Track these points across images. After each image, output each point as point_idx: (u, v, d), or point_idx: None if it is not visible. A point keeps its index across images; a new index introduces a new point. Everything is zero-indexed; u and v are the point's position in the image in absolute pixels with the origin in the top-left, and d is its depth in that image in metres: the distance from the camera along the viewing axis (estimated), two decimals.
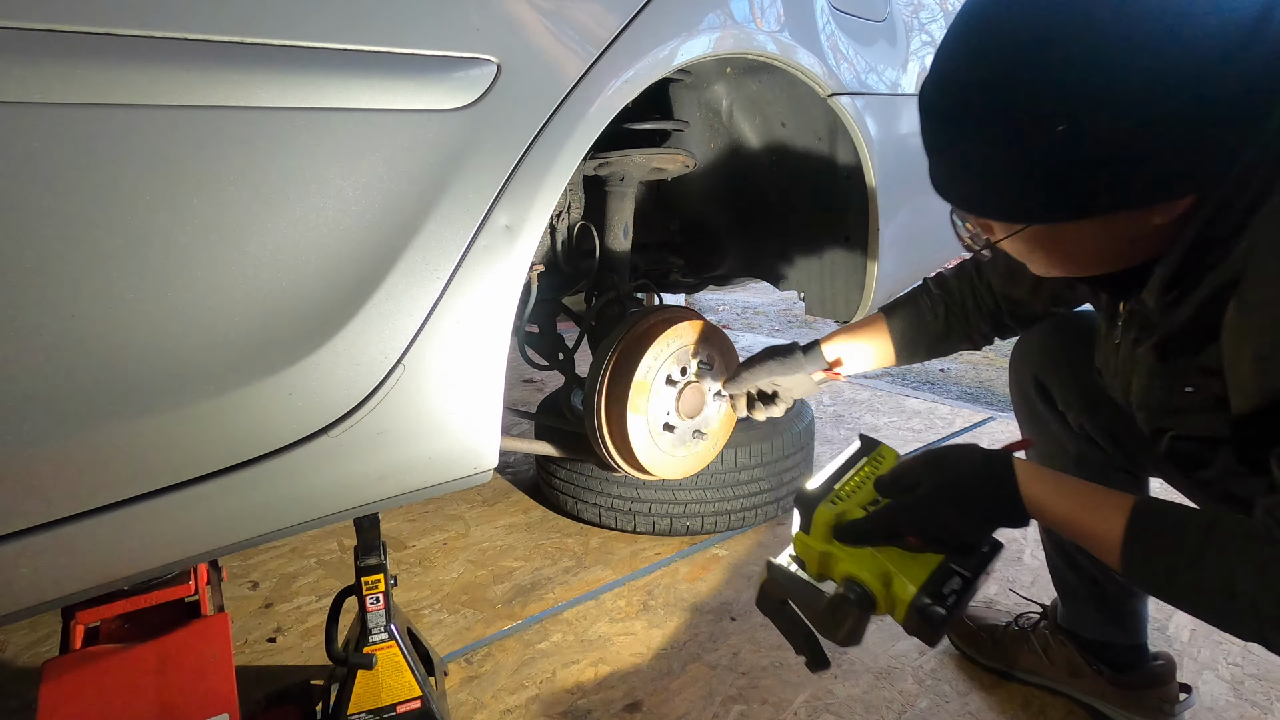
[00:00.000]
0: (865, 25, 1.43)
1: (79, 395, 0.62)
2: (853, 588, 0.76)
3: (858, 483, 0.84)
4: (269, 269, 0.69)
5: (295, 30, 0.65)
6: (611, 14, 0.87)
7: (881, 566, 0.76)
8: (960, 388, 3.26)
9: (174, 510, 0.71)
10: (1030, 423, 1.15)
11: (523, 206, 0.82)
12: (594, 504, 1.77)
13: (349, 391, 0.77)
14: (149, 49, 0.59)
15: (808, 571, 0.82)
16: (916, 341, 1.17)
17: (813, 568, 0.81)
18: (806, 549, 0.81)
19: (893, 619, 0.76)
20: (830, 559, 0.79)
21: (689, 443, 1.34)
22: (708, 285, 1.96)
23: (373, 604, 1.01)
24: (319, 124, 0.68)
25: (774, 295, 5.33)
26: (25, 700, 1.24)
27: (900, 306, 1.18)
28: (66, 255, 0.59)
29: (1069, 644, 1.20)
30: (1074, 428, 1.08)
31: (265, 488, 0.76)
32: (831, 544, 0.79)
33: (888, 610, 0.76)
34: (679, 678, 1.28)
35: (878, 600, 0.76)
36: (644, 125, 1.35)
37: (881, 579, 0.76)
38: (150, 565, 0.73)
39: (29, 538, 0.64)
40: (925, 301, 1.16)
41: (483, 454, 0.90)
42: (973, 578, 0.75)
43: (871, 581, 0.76)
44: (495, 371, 0.87)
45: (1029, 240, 0.73)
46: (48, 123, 0.56)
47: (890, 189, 1.45)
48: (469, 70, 0.75)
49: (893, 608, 0.76)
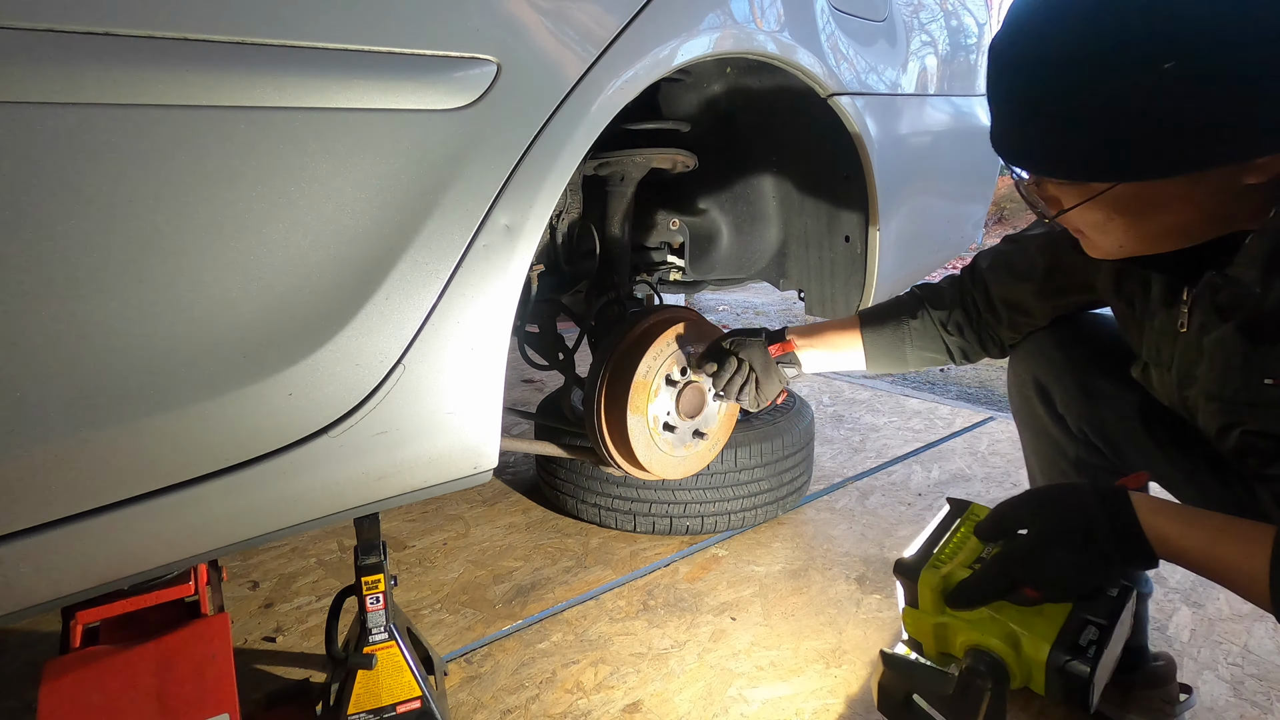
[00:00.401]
0: (865, 25, 1.43)
1: (79, 395, 0.62)
2: (980, 659, 0.67)
3: (958, 543, 0.76)
4: (269, 269, 0.69)
5: (295, 30, 0.65)
6: (611, 14, 0.87)
7: (1005, 628, 0.67)
8: (960, 388, 3.26)
9: (174, 510, 0.71)
10: (1029, 425, 1.14)
11: (523, 206, 0.82)
12: (594, 504, 1.77)
13: (349, 391, 0.77)
14: (149, 49, 0.59)
15: (925, 654, 0.73)
16: (890, 355, 1.14)
17: (930, 647, 0.72)
18: (918, 625, 0.73)
19: (1033, 690, 0.66)
20: (947, 631, 0.71)
21: (689, 442, 1.34)
22: (708, 285, 1.96)
23: (373, 604, 1.01)
24: (319, 124, 0.68)
25: (774, 295, 5.33)
26: (25, 700, 1.24)
27: (881, 319, 1.15)
28: (65, 255, 0.59)
29: None
30: (1074, 431, 1.07)
31: (265, 488, 0.76)
32: (944, 613, 0.71)
33: (1024, 679, 0.67)
34: (679, 678, 1.28)
35: (1010, 667, 0.67)
36: (644, 125, 1.35)
37: (1008, 641, 0.67)
38: (150, 565, 0.73)
39: (29, 538, 0.64)
40: (909, 317, 1.13)
41: (483, 454, 0.90)
42: (1109, 625, 0.66)
43: (999, 646, 0.67)
44: (495, 371, 0.87)
45: (1109, 205, 0.67)
46: (45, 123, 0.56)
47: (890, 189, 1.45)
48: (469, 70, 0.75)
49: (1029, 674, 0.67)
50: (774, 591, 1.53)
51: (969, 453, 2.25)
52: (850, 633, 1.40)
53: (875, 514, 1.88)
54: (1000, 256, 1.07)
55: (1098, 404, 1.01)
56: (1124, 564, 0.69)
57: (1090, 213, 0.69)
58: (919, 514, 1.87)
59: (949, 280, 1.14)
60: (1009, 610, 0.69)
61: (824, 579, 1.58)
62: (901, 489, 2.02)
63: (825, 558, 1.67)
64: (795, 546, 1.71)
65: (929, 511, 1.88)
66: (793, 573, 1.60)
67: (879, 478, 2.09)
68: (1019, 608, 0.69)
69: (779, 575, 1.59)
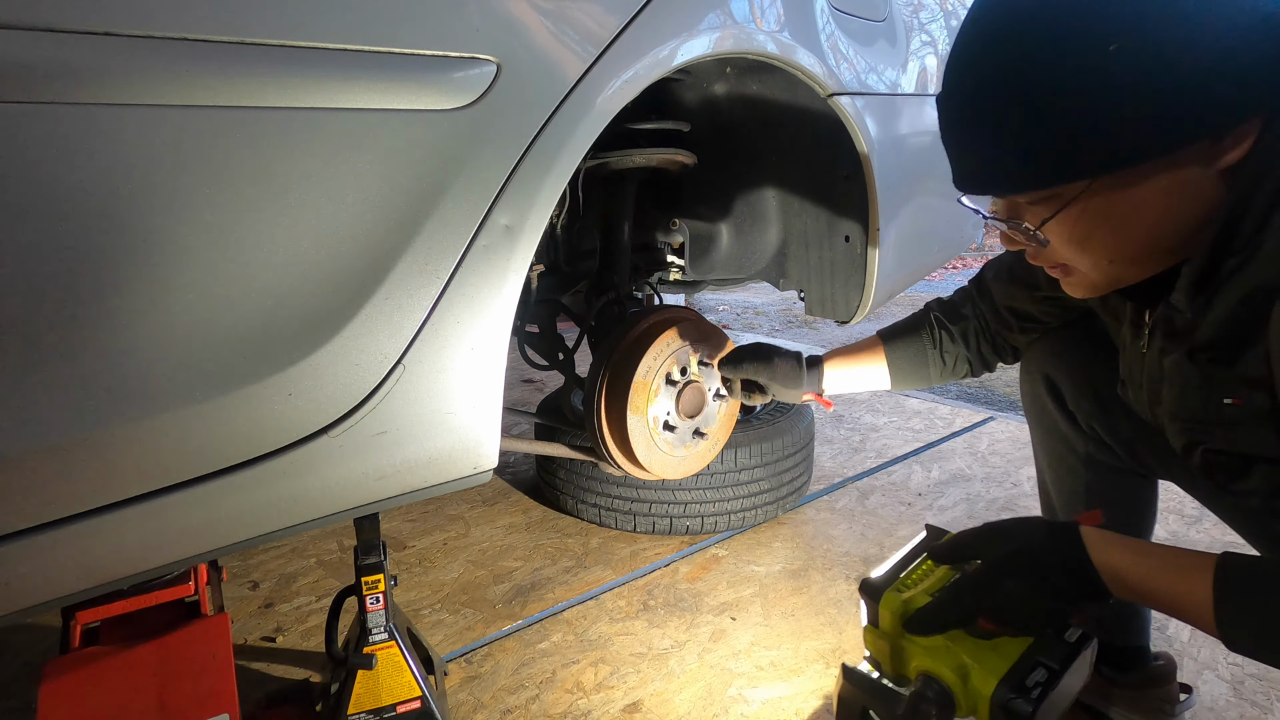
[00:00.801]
0: (865, 25, 1.43)
1: (79, 395, 0.62)
2: (929, 685, 0.69)
3: (926, 570, 0.77)
4: (269, 269, 0.69)
5: (295, 30, 0.65)
6: (611, 14, 0.87)
7: (957, 659, 0.69)
8: (960, 388, 3.26)
9: (174, 510, 0.71)
10: (1040, 422, 1.15)
11: (523, 206, 0.82)
12: (594, 504, 1.77)
13: (349, 392, 0.77)
14: (148, 49, 0.59)
15: (883, 672, 0.75)
16: (915, 375, 1.17)
17: (887, 666, 0.75)
18: (877, 645, 0.75)
19: None
20: (902, 653, 0.73)
21: (689, 442, 1.34)
22: (708, 285, 1.96)
23: (373, 604, 1.01)
24: (319, 124, 0.68)
25: (774, 295, 5.33)
26: (25, 700, 1.24)
27: (902, 336, 1.17)
28: (64, 255, 0.59)
29: None
30: (1084, 428, 1.07)
31: (265, 488, 0.76)
32: (902, 636, 0.72)
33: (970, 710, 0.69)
34: (679, 678, 1.28)
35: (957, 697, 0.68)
36: (644, 125, 1.35)
37: (958, 672, 0.69)
38: (150, 565, 0.73)
39: (29, 538, 0.64)
40: (928, 333, 1.15)
41: (483, 454, 0.90)
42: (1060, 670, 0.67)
43: (947, 675, 0.69)
44: (495, 371, 0.87)
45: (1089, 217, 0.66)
46: (44, 123, 0.56)
47: (890, 189, 1.45)
48: (469, 70, 0.75)
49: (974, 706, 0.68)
50: (774, 591, 1.53)
51: (969, 453, 2.25)
52: (850, 633, 1.40)
53: (875, 514, 1.88)
54: (1003, 266, 1.09)
55: (1109, 402, 1.01)
56: (1075, 599, 0.70)
57: (1071, 229, 0.68)
58: (919, 514, 1.87)
59: (960, 293, 1.16)
60: (965, 642, 0.70)
61: (824, 579, 1.58)
62: (901, 489, 2.02)
63: (825, 557, 1.67)
64: (795, 546, 1.71)
65: (929, 511, 1.88)
66: (793, 572, 1.60)
67: (879, 478, 2.09)
68: (976, 641, 0.70)
69: (779, 575, 1.59)
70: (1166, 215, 0.65)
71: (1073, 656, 0.69)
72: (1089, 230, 0.67)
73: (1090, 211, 0.66)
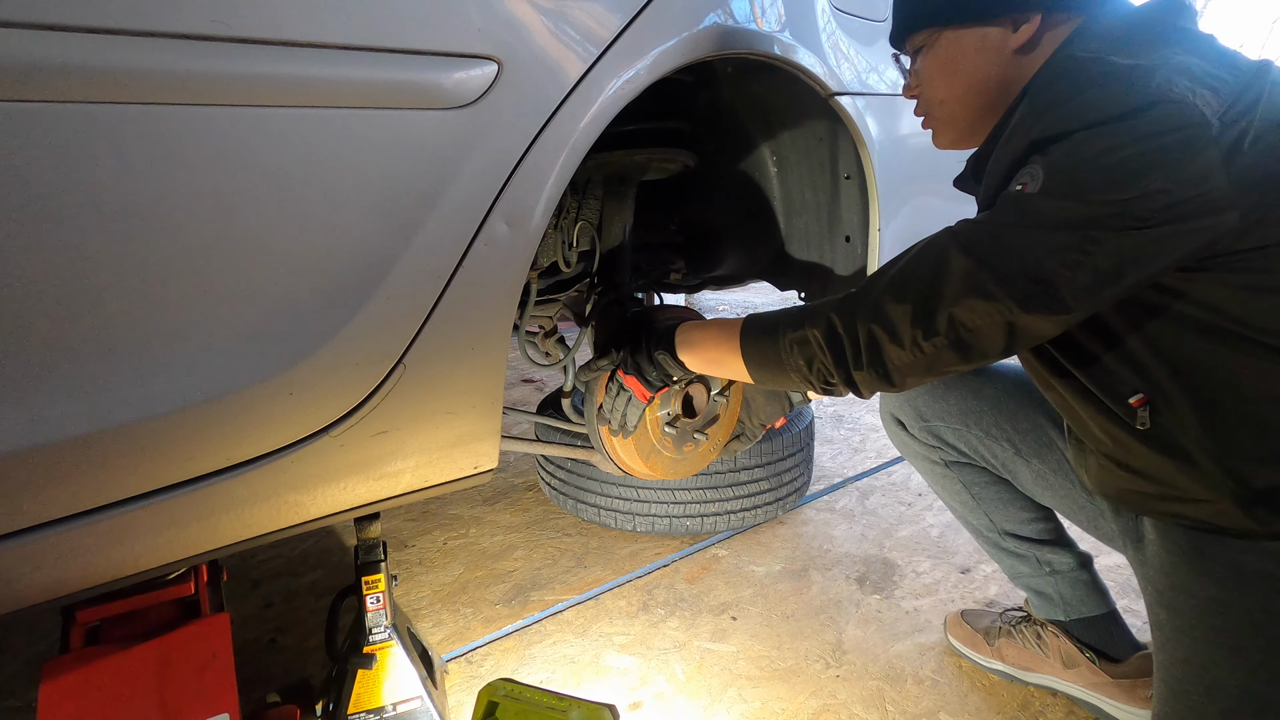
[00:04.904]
0: (866, 25, 1.43)
1: (79, 395, 0.62)
2: None
3: None
4: (268, 269, 0.68)
5: (294, 29, 0.65)
6: (613, 14, 0.87)
7: None
8: None
9: (174, 510, 0.71)
10: (907, 454, 1.33)
11: (523, 206, 0.82)
12: (594, 504, 1.77)
13: (349, 391, 0.77)
14: (148, 48, 0.59)
15: None
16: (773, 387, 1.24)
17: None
18: None
19: None
20: None
21: (690, 442, 1.34)
22: (708, 285, 1.96)
23: (373, 604, 1.01)
24: (319, 123, 0.68)
25: (774, 295, 5.33)
26: (25, 700, 1.24)
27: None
28: (63, 254, 0.59)
29: (1061, 635, 1.21)
30: (930, 442, 1.23)
31: (266, 487, 0.76)
32: None
33: None
34: (679, 678, 1.28)
35: None
36: (645, 125, 1.35)
37: None
38: (150, 565, 0.73)
39: (29, 537, 0.64)
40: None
41: (483, 454, 0.90)
42: None
43: None
44: (495, 371, 0.87)
45: (938, 59, 0.91)
46: (42, 122, 0.56)
47: (891, 189, 1.45)
48: (470, 69, 0.75)
49: None
50: (774, 591, 1.53)
51: None
52: (850, 633, 1.40)
53: (875, 514, 1.88)
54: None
55: (929, 416, 1.21)
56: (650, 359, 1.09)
57: (927, 66, 0.93)
58: (919, 514, 1.87)
59: None
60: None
61: (824, 579, 1.58)
62: (901, 489, 2.02)
63: (825, 558, 1.67)
64: (795, 546, 1.71)
65: (929, 511, 1.88)
66: (793, 573, 1.60)
67: (879, 478, 2.09)
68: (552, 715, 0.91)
69: (779, 575, 1.59)
70: (979, 71, 0.89)
71: None
72: (935, 70, 0.92)
73: (938, 54, 0.91)
